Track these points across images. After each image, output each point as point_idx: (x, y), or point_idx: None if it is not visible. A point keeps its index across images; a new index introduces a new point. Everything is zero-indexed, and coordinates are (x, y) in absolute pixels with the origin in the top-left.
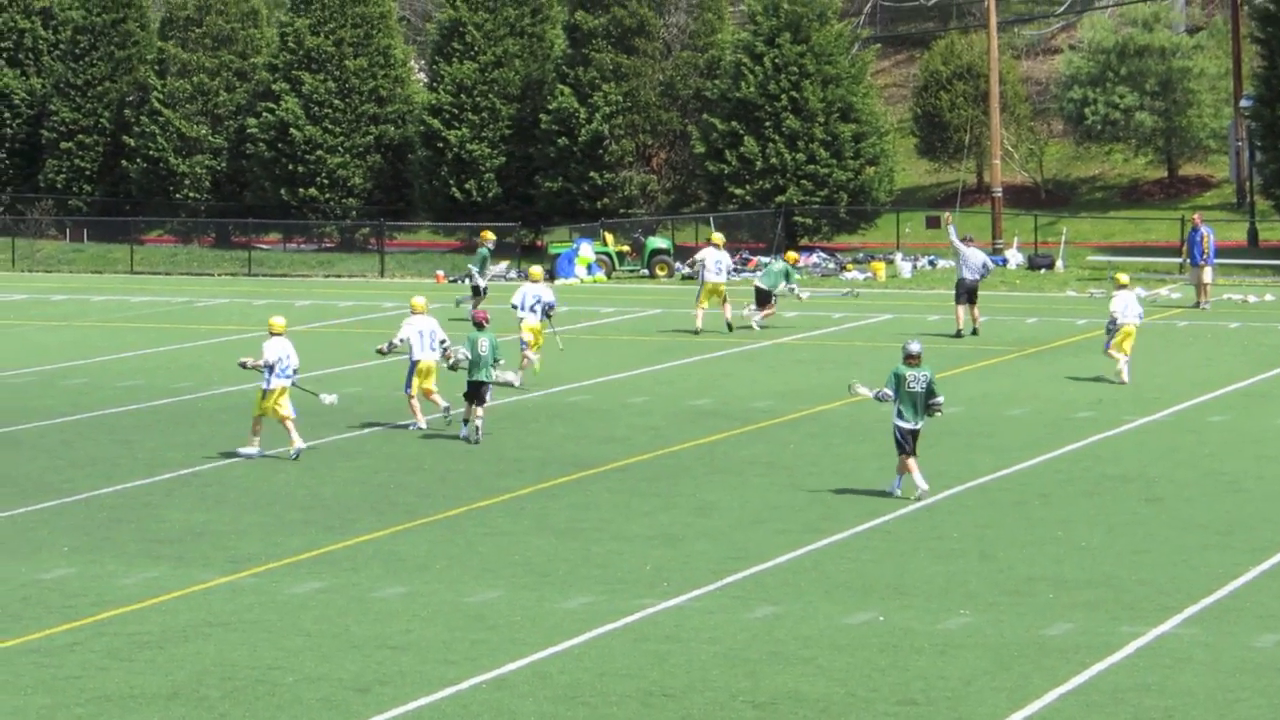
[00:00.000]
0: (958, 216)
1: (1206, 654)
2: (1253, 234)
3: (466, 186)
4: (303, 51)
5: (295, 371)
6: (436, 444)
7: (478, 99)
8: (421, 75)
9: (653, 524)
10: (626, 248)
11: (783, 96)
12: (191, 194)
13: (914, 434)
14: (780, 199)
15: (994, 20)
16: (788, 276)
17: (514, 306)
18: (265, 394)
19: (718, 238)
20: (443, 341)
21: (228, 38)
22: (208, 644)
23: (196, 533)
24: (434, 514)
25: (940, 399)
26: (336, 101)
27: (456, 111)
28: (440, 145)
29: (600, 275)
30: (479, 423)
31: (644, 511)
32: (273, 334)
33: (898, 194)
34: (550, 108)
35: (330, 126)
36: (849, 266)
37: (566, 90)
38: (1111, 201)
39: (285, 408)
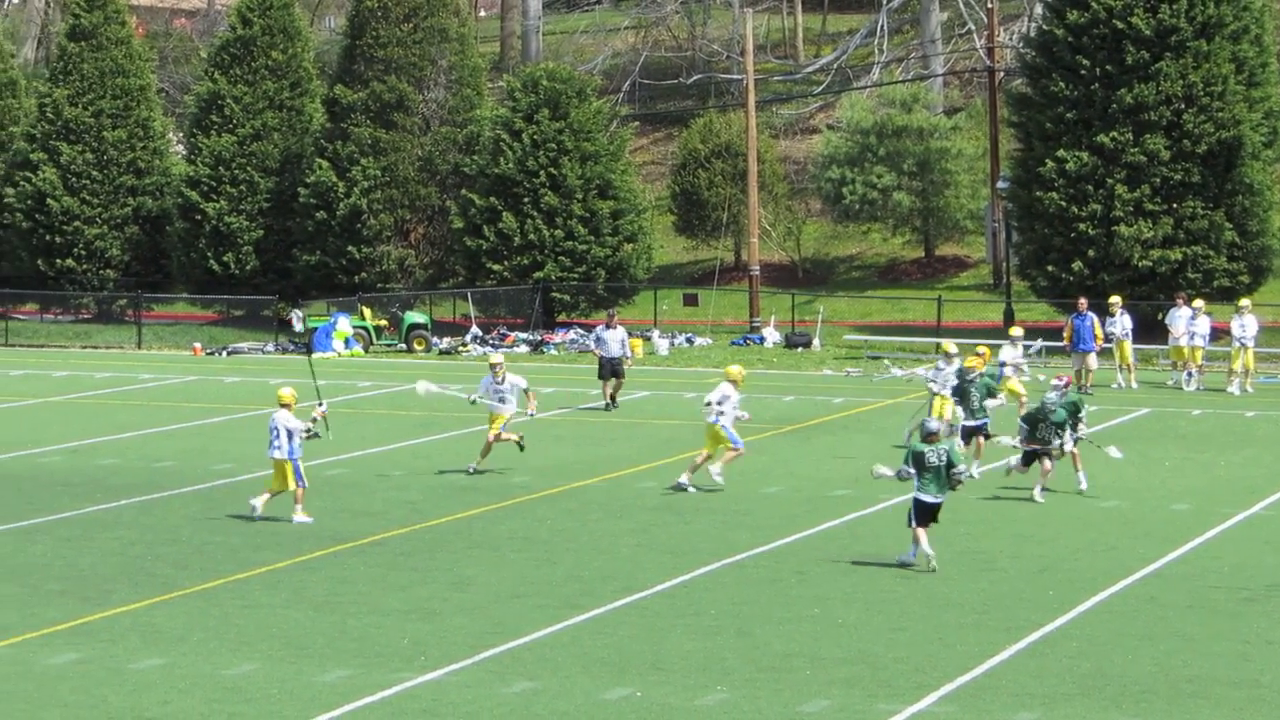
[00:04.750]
0: (714, 295)
1: None
2: (1009, 314)
3: (224, 259)
4: (61, 122)
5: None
6: (193, 516)
7: (236, 171)
8: (180, 147)
9: (410, 598)
10: (384, 322)
11: (541, 173)
12: None
13: (935, 507)
14: (538, 275)
15: (752, 99)
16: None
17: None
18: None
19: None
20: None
21: None
22: None
23: None
24: (191, 586)
25: (961, 468)
26: (95, 172)
27: (215, 184)
28: (198, 217)
29: (357, 349)
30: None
31: (401, 585)
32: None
33: (655, 271)
34: (308, 181)
35: (88, 197)
36: None
37: (325, 164)
38: (869, 281)
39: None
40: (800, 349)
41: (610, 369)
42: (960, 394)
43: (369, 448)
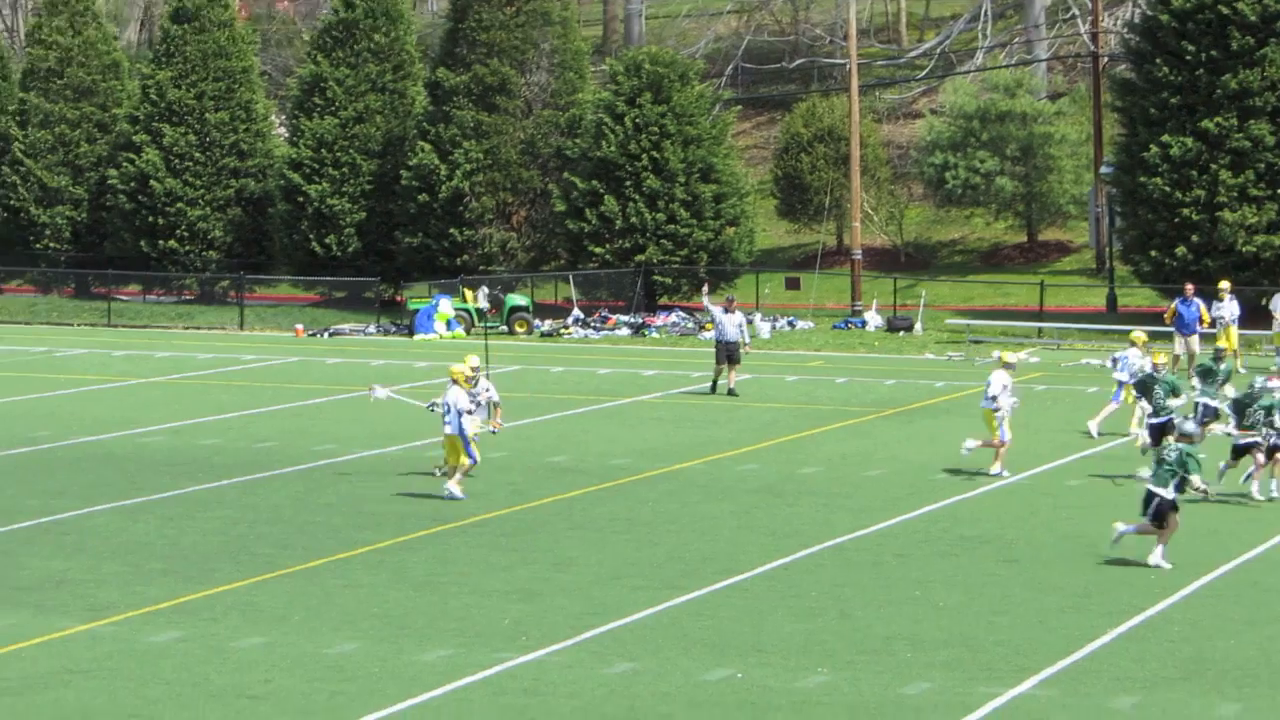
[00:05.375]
0: (817, 279)
1: (1064, 715)
2: (1112, 300)
3: (326, 241)
4: (164, 104)
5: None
6: (295, 496)
7: (338, 154)
8: (282, 130)
9: (511, 578)
10: (486, 304)
11: (643, 156)
12: (52, 244)
13: (1150, 498)
14: (640, 258)
15: (855, 84)
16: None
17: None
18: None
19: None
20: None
21: (89, 89)
22: (67, 692)
23: (56, 581)
24: (293, 565)
25: (1196, 480)
26: (197, 154)
27: (317, 166)
28: (300, 199)
29: (459, 331)
30: None
31: (502, 566)
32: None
33: (758, 255)
34: (411, 164)
35: (191, 179)
36: (708, 326)
37: (427, 147)
38: (971, 265)
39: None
40: (902, 333)
41: (726, 353)
42: (1143, 390)
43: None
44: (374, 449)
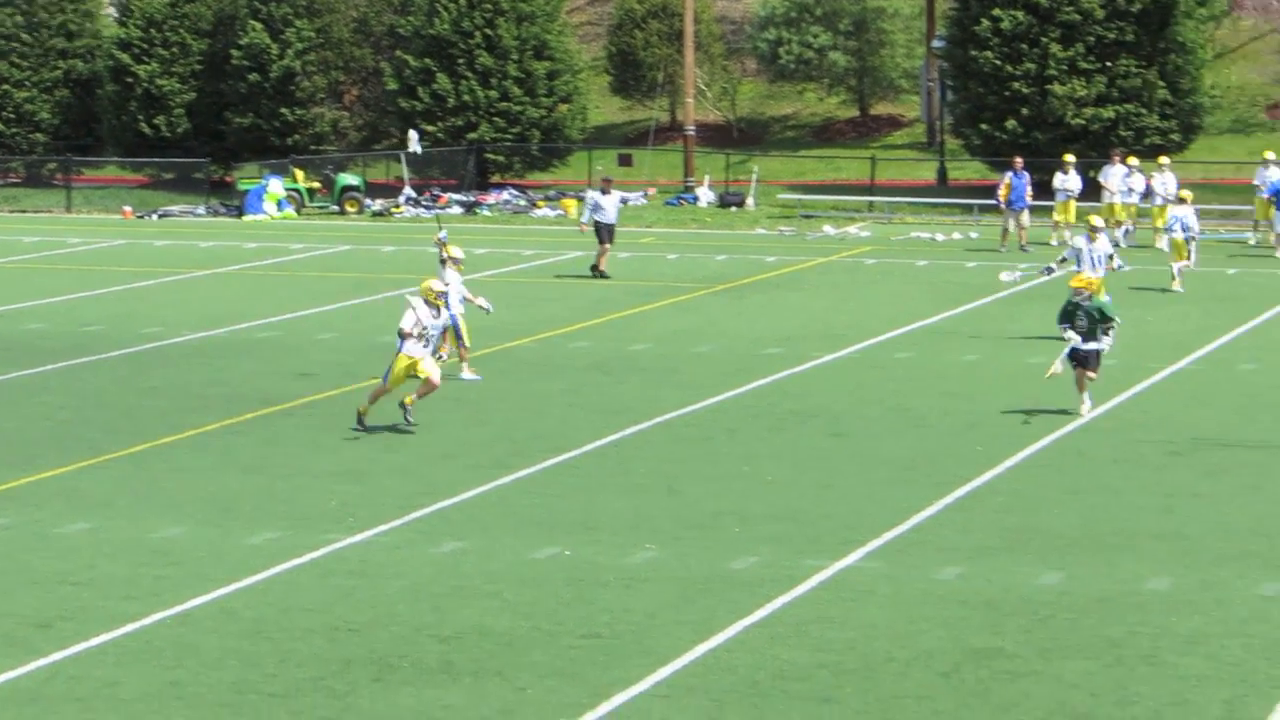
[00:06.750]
0: (649, 155)
1: (889, 586)
2: (942, 173)
3: (156, 122)
4: None
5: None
6: (121, 380)
7: (168, 34)
8: (111, 9)
9: (340, 460)
10: (317, 184)
11: (477, 34)
12: None
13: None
14: (472, 136)
15: None
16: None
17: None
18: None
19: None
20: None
21: None
22: None
23: None
24: (118, 450)
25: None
26: (24, 35)
27: (146, 46)
28: (129, 80)
29: (290, 211)
30: None
31: (331, 447)
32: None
33: (591, 132)
34: (241, 43)
35: (17, 61)
36: (540, 204)
37: (258, 26)
38: (803, 140)
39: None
40: (734, 208)
41: (610, 234)
42: (1068, 316)
43: (301, 309)
44: (201, 331)
